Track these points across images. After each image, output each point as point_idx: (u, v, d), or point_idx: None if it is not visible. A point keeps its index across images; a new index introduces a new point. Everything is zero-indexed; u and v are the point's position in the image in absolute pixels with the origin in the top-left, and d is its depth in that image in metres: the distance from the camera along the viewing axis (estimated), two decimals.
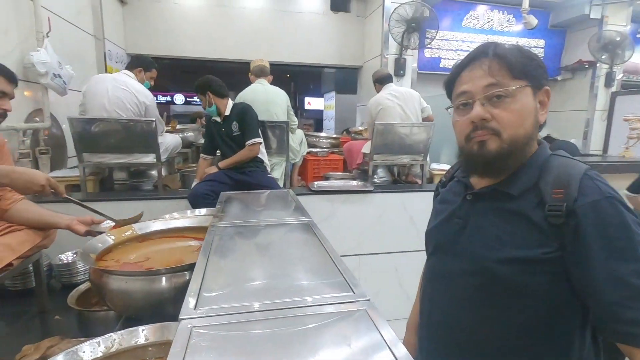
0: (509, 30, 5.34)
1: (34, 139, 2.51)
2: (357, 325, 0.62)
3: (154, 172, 2.78)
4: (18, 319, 1.45)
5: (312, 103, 9.63)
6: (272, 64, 3.35)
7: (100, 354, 0.67)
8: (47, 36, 2.54)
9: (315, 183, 2.57)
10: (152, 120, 2.42)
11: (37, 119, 2.57)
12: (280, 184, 2.87)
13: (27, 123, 2.44)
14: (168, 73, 7.32)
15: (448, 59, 5.24)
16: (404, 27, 4.10)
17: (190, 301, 0.69)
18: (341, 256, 0.91)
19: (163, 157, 2.72)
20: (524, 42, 5.38)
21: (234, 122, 2.32)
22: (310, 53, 4.92)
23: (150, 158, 2.55)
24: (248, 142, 2.27)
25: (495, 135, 0.71)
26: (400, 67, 4.37)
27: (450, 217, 0.84)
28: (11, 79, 1.33)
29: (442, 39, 5.15)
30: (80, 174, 2.47)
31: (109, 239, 1.16)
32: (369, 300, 0.70)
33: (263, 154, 2.42)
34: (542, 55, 5.48)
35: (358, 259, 2.59)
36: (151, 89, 2.69)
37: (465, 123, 0.74)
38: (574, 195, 0.66)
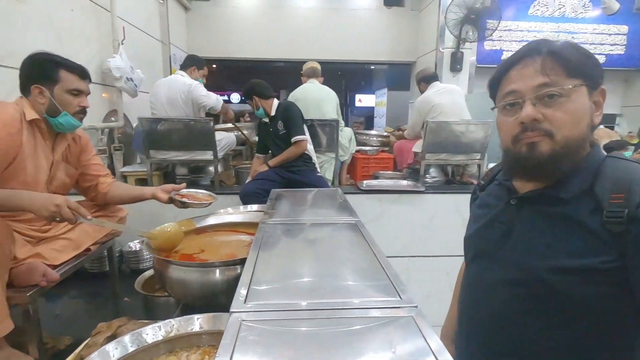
0: (584, 17, 4.83)
1: (110, 137, 2.80)
2: (403, 332, 0.61)
3: (211, 168, 2.95)
4: (94, 299, 1.63)
5: (363, 100, 9.53)
6: (324, 62, 3.37)
7: (160, 337, 0.73)
8: (122, 44, 2.80)
9: (365, 182, 2.54)
10: (210, 120, 2.56)
11: (113, 118, 2.86)
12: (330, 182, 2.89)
13: (105, 122, 2.72)
14: (226, 73, 7.69)
15: (511, 50, 4.86)
16: (462, 19, 3.89)
17: (241, 295, 0.72)
18: (389, 257, 0.90)
19: (219, 155, 2.88)
20: (602, 28, 4.84)
21: (279, 121, 2.37)
22: (362, 50, 4.87)
23: (208, 155, 2.71)
24: (293, 139, 2.32)
25: (548, 137, 0.67)
26: (456, 61, 4.16)
27: (492, 222, 0.79)
28: (83, 75, 1.38)
29: (505, 30, 4.80)
30: (147, 169, 2.69)
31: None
32: (416, 307, 0.68)
33: (311, 152, 2.45)
34: (625, 42, 4.88)
35: (407, 261, 2.52)
36: (210, 89, 2.84)
37: (513, 124, 0.70)
38: (636, 201, 0.60)
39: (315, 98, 2.85)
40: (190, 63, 2.79)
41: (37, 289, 1.15)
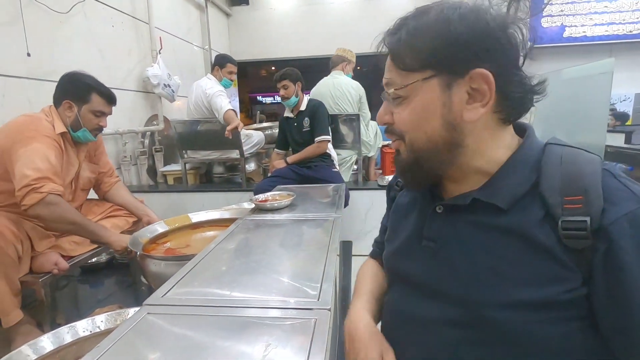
0: None
1: (151, 139, 3.05)
2: (291, 334, 0.57)
3: (247, 166, 3.07)
4: (117, 286, 1.80)
5: None
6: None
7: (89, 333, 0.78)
8: (160, 53, 3.03)
9: (386, 177, 2.44)
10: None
11: (155, 122, 3.11)
12: (347, 177, 2.82)
13: (146, 126, 2.98)
14: (267, 74, 7.89)
15: (575, 26, 4.27)
16: None
17: (164, 287, 0.74)
18: None
19: (248, 153, 2.98)
20: None
21: (306, 118, 2.37)
22: None
23: (235, 154, 2.82)
24: (317, 139, 2.30)
25: (401, 141, 0.58)
26: None
27: (415, 237, 0.62)
28: (110, 100, 1.52)
29: (568, 3, 4.24)
30: (181, 169, 2.89)
31: (158, 228, 1.32)
32: (329, 309, 0.64)
33: (331, 149, 2.42)
34: None
35: None
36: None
37: None
38: (599, 205, 0.46)
39: (332, 96, 2.76)
40: (214, 63, 2.89)
41: (49, 275, 1.30)
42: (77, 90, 1.46)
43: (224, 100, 2.57)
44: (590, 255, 0.46)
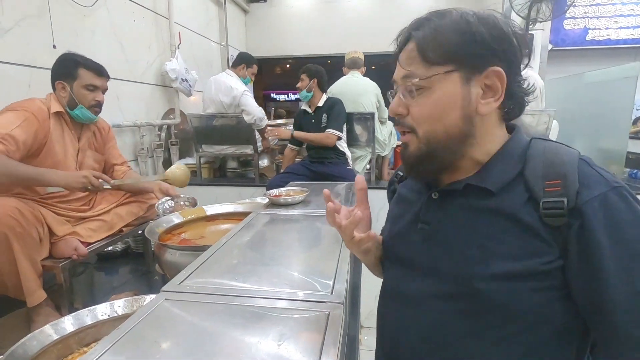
0: None
1: (168, 133, 3.10)
2: (304, 326, 0.58)
3: (260, 162, 3.10)
4: (131, 274, 1.84)
5: None
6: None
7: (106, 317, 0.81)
8: (178, 48, 3.07)
9: None
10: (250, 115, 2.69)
11: (171, 116, 3.16)
12: (360, 170, 2.81)
13: (163, 120, 3.03)
14: (282, 72, 7.91)
15: (599, 29, 4.15)
16: None
17: (181, 275, 0.76)
18: None
19: (261, 149, 3.01)
20: None
21: (324, 114, 2.39)
22: None
23: (249, 149, 2.85)
24: (328, 130, 2.31)
25: (413, 134, 0.61)
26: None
27: (413, 221, 0.67)
28: (99, 72, 1.51)
29: (592, 5, 4.12)
30: (196, 162, 2.94)
31: (174, 219, 1.35)
32: (342, 303, 0.65)
33: (345, 148, 2.42)
34: None
35: None
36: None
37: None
38: (574, 188, 0.53)
39: (353, 93, 2.77)
40: (240, 61, 2.92)
41: (68, 260, 1.34)
42: (64, 69, 1.48)
43: (255, 105, 2.70)
44: (566, 231, 0.53)
